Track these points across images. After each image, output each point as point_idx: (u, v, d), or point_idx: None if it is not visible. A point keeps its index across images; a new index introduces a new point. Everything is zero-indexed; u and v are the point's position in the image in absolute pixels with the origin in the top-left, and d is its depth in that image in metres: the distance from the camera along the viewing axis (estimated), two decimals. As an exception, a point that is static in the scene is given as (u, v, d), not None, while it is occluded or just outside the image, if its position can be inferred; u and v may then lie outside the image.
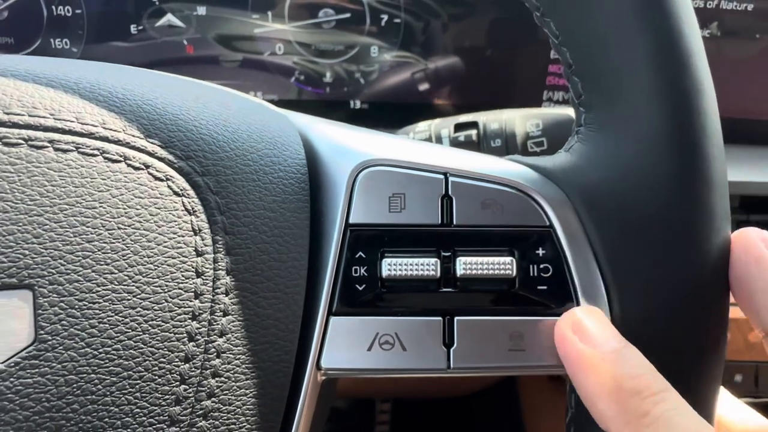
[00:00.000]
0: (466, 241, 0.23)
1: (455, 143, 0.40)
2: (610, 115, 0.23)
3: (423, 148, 0.25)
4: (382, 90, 0.61)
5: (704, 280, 0.22)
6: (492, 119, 0.39)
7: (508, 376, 0.82)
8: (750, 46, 0.60)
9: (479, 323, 0.23)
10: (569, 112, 0.39)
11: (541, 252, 0.23)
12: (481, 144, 0.39)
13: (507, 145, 0.39)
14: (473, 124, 0.40)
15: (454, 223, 0.23)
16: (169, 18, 0.56)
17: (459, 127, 0.40)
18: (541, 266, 0.23)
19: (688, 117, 0.22)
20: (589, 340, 0.21)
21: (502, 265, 0.23)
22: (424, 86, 0.61)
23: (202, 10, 0.56)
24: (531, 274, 0.23)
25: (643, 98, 0.22)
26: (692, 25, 0.22)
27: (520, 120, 0.39)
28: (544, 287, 0.23)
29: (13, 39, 0.55)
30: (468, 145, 0.39)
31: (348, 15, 0.57)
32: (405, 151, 0.24)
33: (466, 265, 0.23)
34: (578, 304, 0.23)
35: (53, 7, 0.54)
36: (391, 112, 0.61)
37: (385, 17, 0.58)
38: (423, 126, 0.42)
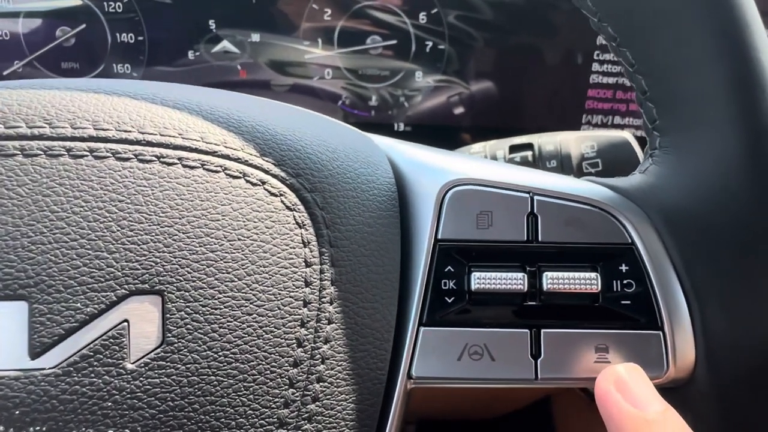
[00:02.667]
0: (550, 257, 0.24)
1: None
2: (686, 139, 0.24)
3: (506, 168, 0.26)
4: (425, 113, 0.63)
5: None
6: (547, 141, 0.41)
7: (544, 396, 0.81)
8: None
9: (565, 335, 0.24)
10: (623, 134, 0.40)
11: (624, 268, 0.24)
12: (537, 165, 0.41)
13: (562, 165, 0.40)
14: (528, 146, 0.41)
15: (539, 239, 0.25)
16: (225, 44, 0.58)
17: (514, 148, 0.42)
18: (625, 282, 0.24)
19: (766, 142, 0.23)
20: (633, 399, 0.21)
21: (587, 280, 0.24)
22: (465, 110, 0.62)
23: (256, 37, 0.59)
24: (615, 290, 0.24)
25: (722, 124, 0.23)
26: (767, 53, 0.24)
27: (575, 142, 0.40)
28: (628, 302, 0.24)
29: (78, 64, 0.58)
30: (523, 166, 0.41)
31: (395, 42, 0.60)
32: (491, 172, 0.25)
33: (552, 279, 0.24)
34: (662, 320, 0.24)
35: (117, 35, 0.57)
36: (434, 135, 0.63)
37: (430, 44, 0.60)
38: (478, 147, 0.43)
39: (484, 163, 0.27)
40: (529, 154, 0.41)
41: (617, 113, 0.63)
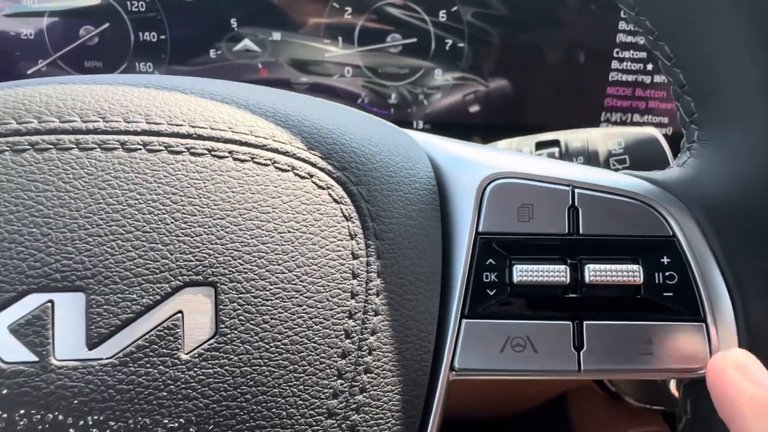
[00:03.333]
0: (592, 249, 0.25)
1: (537, 161, 0.41)
2: (726, 131, 0.24)
3: (546, 162, 0.26)
4: (444, 110, 0.63)
5: None
6: (573, 137, 0.41)
7: (558, 394, 0.81)
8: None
9: (608, 327, 0.24)
10: (651, 130, 0.40)
11: (665, 260, 0.24)
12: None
13: (589, 162, 0.40)
14: (555, 143, 0.41)
15: (581, 232, 0.25)
16: (246, 43, 0.59)
17: (540, 145, 0.42)
18: (667, 274, 0.24)
19: None
20: (755, 380, 0.20)
21: (629, 272, 0.24)
22: (481, 108, 0.63)
23: (277, 36, 0.59)
24: (657, 281, 0.24)
25: (762, 116, 0.23)
26: None
27: (602, 138, 0.40)
28: (670, 294, 0.24)
29: (101, 63, 0.58)
30: (550, 162, 0.41)
31: (414, 40, 0.60)
32: (531, 165, 0.26)
33: (594, 271, 0.24)
34: (704, 312, 0.24)
35: (140, 33, 0.58)
36: (453, 132, 0.63)
37: (450, 42, 0.60)
38: (504, 144, 0.43)
39: (522, 157, 0.27)
40: (555, 150, 0.41)
41: (636, 111, 0.63)
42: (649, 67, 0.61)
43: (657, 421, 0.60)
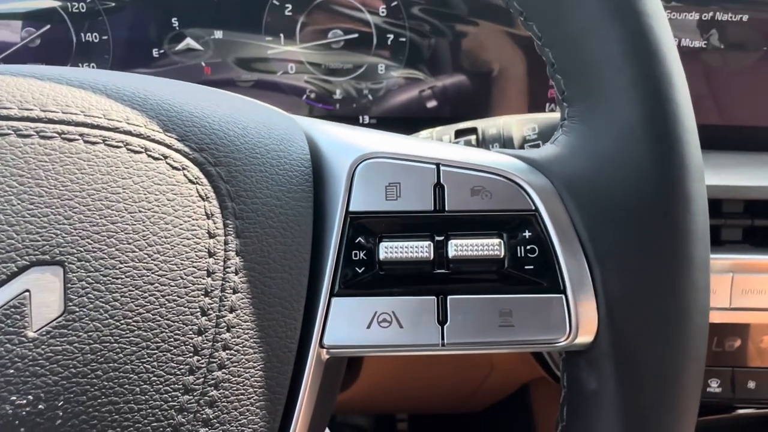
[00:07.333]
0: (457, 225, 0.25)
1: (456, 148, 0.42)
2: (589, 107, 0.25)
3: (416, 142, 0.27)
4: (390, 106, 0.63)
5: (683, 260, 0.24)
6: (490, 125, 0.41)
7: (521, 388, 0.82)
8: (748, 55, 0.62)
9: (470, 301, 0.24)
10: (564, 116, 0.41)
11: (527, 234, 0.25)
12: (480, 148, 0.41)
13: (505, 148, 0.40)
14: (472, 130, 0.42)
15: (446, 209, 0.25)
16: (189, 42, 0.59)
17: (459, 133, 0.42)
18: (528, 247, 0.25)
19: (660, 106, 0.23)
20: None
21: (491, 246, 0.24)
22: (431, 102, 0.63)
23: (219, 34, 0.59)
24: (518, 255, 0.25)
25: (618, 90, 0.24)
26: (662, 22, 0.24)
27: (516, 124, 0.41)
28: (531, 267, 0.24)
29: (45, 64, 0.59)
30: (468, 149, 0.41)
31: (356, 35, 0.60)
32: (399, 145, 0.26)
33: (457, 247, 0.25)
34: (564, 284, 0.24)
35: (82, 35, 0.58)
36: (398, 127, 0.63)
37: (391, 36, 0.61)
38: (425, 134, 0.44)
39: (395, 138, 0.27)
40: (473, 138, 0.41)
41: (580, 100, 0.63)
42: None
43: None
